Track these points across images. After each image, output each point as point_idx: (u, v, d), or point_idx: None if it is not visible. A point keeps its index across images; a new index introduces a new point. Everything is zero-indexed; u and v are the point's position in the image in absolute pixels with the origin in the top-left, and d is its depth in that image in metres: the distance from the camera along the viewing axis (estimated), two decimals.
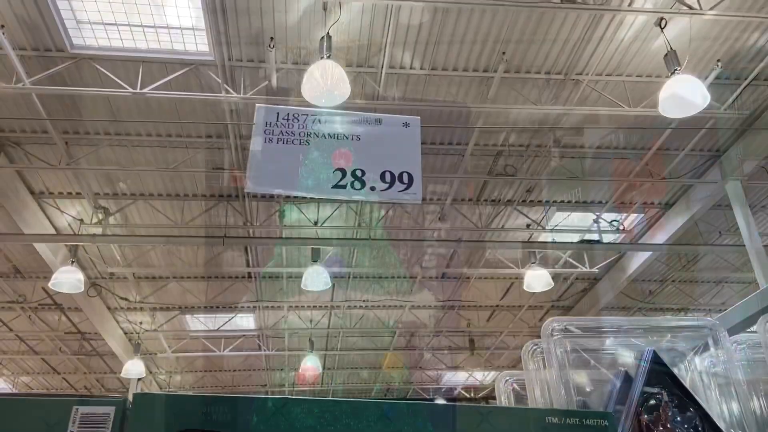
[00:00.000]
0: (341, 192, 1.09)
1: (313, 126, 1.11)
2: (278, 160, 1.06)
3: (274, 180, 1.04)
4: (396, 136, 1.11)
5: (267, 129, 1.11)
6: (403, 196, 1.12)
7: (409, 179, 1.10)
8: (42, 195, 8.04)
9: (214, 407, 0.71)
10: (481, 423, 0.74)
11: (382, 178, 1.07)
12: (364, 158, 1.08)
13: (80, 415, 0.69)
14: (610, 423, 0.75)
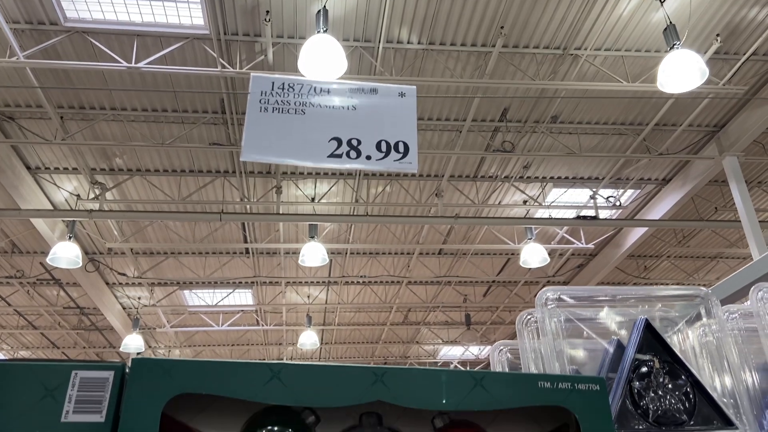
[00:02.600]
0: (337, 161, 1.09)
1: (308, 95, 1.10)
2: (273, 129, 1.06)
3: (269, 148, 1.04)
4: (392, 106, 1.11)
5: (262, 98, 1.11)
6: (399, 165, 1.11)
7: (405, 148, 1.09)
8: (38, 170, 8.01)
9: (212, 372, 0.72)
10: (475, 387, 0.75)
11: (378, 147, 1.07)
12: (359, 127, 1.07)
13: (79, 380, 0.70)
14: (602, 388, 0.76)
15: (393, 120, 1.08)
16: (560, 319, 1.13)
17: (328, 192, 8.83)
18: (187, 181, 8.41)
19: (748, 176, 8.24)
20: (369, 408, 0.79)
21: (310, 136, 1.03)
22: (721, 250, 10.62)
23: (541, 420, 0.81)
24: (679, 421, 0.92)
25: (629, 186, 8.93)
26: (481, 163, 8.47)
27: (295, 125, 1.04)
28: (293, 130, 1.03)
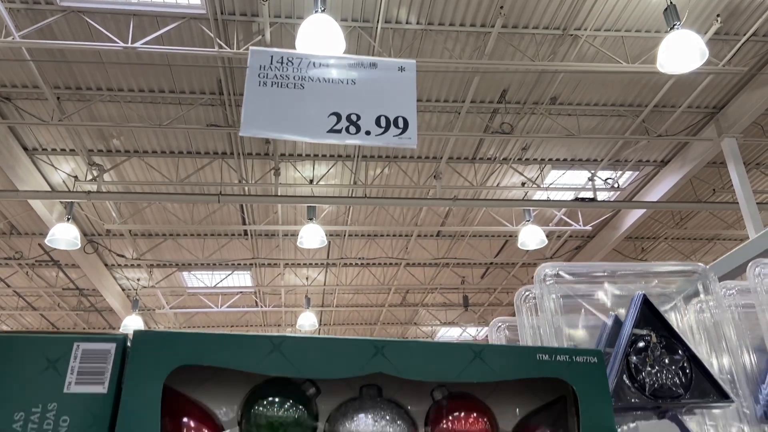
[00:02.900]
0: (336, 136, 1.08)
1: (307, 69, 1.09)
2: (272, 103, 1.05)
3: (268, 123, 1.03)
4: (391, 81, 1.10)
5: (261, 72, 1.10)
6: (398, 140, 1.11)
7: (404, 124, 1.09)
8: (35, 151, 7.98)
9: (213, 344, 0.72)
10: (474, 360, 0.76)
11: (377, 122, 1.06)
12: (359, 102, 1.06)
13: (81, 351, 0.71)
14: (599, 360, 0.77)
15: (392, 95, 1.07)
16: (558, 295, 1.14)
17: (326, 174, 8.81)
18: (184, 162, 8.39)
19: (746, 158, 8.24)
20: (369, 380, 0.79)
21: (309, 111, 1.02)
22: (718, 232, 10.64)
23: (539, 392, 0.82)
24: (676, 395, 0.93)
25: (627, 168, 8.93)
26: (479, 144, 8.45)
27: (294, 100, 1.03)
28: (292, 105, 1.02)
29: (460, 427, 0.76)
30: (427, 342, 0.77)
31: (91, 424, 0.67)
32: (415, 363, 0.75)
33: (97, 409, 0.68)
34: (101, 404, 0.68)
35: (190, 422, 0.72)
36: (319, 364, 0.73)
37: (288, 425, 0.73)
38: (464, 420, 0.77)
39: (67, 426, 0.66)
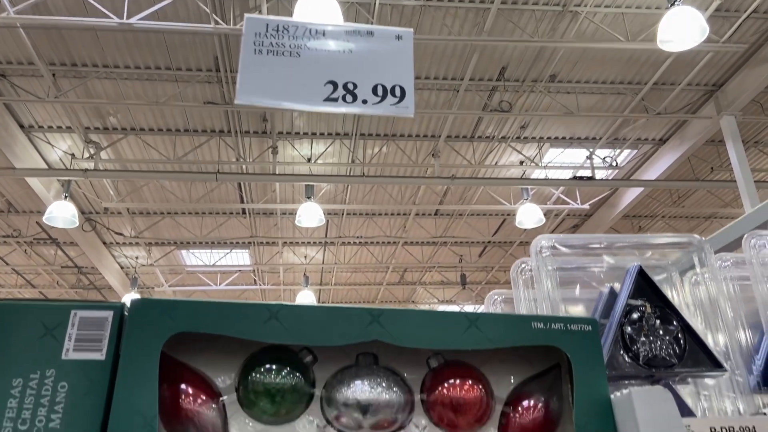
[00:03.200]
0: (333, 105, 1.07)
1: (303, 38, 1.08)
2: (268, 71, 1.04)
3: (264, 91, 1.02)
4: (388, 49, 1.09)
5: (256, 40, 1.08)
6: (395, 109, 1.10)
7: (401, 92, 1.08)
8: (31, 129, 7.93)
9: (210, 312, 0.72)
10: (469, 328, 0.76)
11: (374, 91, 1.05)
12: (355, 71, 1.05)
13: (79, 319, 0.71)
14: (594, 328, 0.77)
15: (389, 63, 1.06)
16: (554, 267, 1.14)
17: (324, 152, 8.79)
18: (182, 140, 8.36)
19: (745, 136, 8.22)
20: (365, 348, 0.80)
21: (305, 80, 1.01)
22: (715, 210, 10.66)
23: (533, 360, 0.83)
24: (669, 364, 0.94)
25: (626, 146, 8.91)
26: (478, 123, 8.42)
27: (290, 68, 1.02)
28: (288, 73, 1.01)
29: (455, 394, 0.77)
30: (423, 310, 0.78)
31: (89, 390, 0.67)
32: (411, 331, 0.75)
33: (95, 376, 0.68)
34: (99, 371, 0.68)
35: (188, 388, 0.72)
36: (315, 332, 0.73)
37: (285, 391, 0.74)
38: (459, 387, 0.77)
39: (66, 392, 0.67)
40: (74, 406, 0.66)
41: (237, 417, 0.75)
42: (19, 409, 0.65)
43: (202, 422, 0.71)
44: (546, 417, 0.77)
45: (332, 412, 0.75)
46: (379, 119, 8.18)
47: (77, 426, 0.65)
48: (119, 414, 0.65)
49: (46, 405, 0.66)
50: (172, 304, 0.72)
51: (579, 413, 0.73)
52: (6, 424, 0.65)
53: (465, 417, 0.77)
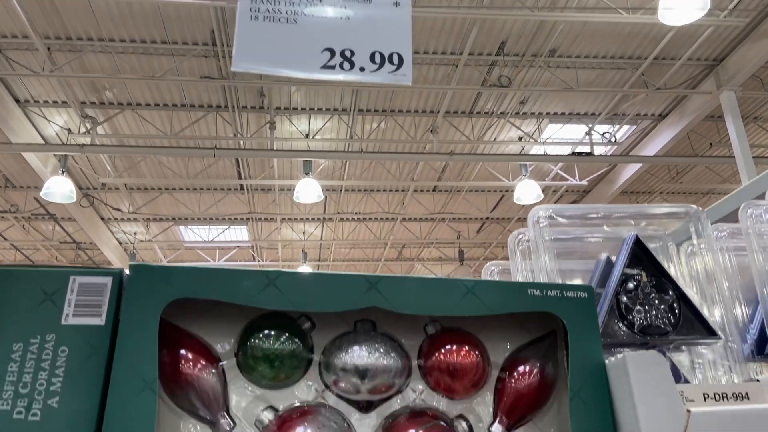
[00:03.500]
0: (330, 72, 1.06)
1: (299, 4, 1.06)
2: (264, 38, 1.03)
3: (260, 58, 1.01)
4: (386, 16, 1.08)
5: (252, 6, 1.07)
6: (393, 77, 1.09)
7: (399, 60, 1.07)
8: (27, 103, 7.87)
9: (209, 278, 0.73)
10: (466, 294, 0.77)
11: (372, 58, 1.04)
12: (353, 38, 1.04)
13: (78, 285, 0.71)
14: (590, 295, 0.78)
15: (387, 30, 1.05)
16: (552, 237, 1.15)
17: (322, 128, 8.74)
18: (179, 115, 8.30)
19: (744, 111, 8.18)
20: (363, 315, 0.81)
21: (302, 46, 1.00)
22: (713, 186, 10.67)
23: (529, 327, 0.83)
24: (664, 332, 0.95)
25: (625, 122, 8.88)
26: (477, 98, 8.36)
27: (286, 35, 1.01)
28: (285, 40, 1.00)
29: (452, 360, 0.78)
30: (421, 277, 0.78)
31: (90, 355, 0.68)
32: (409, 298, 0.76)
33: (95, 341, 0.69)
34: (99, 335, 0.69)
35: (187, 354, 0.73)
36: (313, 299, 0.74)
37: (283, 357, 0.75)
38: (456, 352, 0.78)
39: (66, 356, 0.67)
40: (75, 370, 0.67)
41: (236, 382, 0.76)
42: (20, 372, 0.66)
43: (202, 386, 0.72)
44: (541, 382, 0.78)
45: (331, 377, 0.76)
46: (378, 94, 8.12)
47: (78, 389, 0.66)
48: (120, 378, 0.66)
49: (46, 369, 0.67)
50: (171, 270, 0.72)
51: (574, 377, 0.74)
52: (7, 388, 0.65)
53: (461, 382, 0.78)
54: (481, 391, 0.80)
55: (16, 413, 0.64)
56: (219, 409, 0.72)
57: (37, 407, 0.65)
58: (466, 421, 0.76)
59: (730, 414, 0.69)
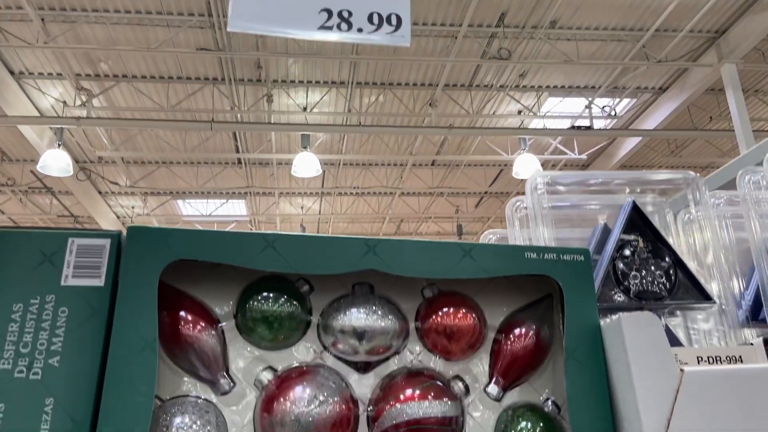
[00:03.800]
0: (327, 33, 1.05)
1: None
2: None
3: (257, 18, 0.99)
4: None
5: None
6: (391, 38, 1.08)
7: (397, 21, 1.06)
8: (22, 75, 7.79)
9: (207, 240, 0.73)
10: (464, 258, 0.77)
11: (370, 19, 1.03)
12: None
13: (76, 246, 0.71)
14: (586, 258, 0.78)
15: None
16: (550, 205, 1.15)
17: (320, 101, 8.68)
18: (175, 88, 8.23)
19: (745, 84, 8.13)
20: (361, 279, 0.81)
21: (299, 7, 0.99)
22: (713, 160, 10.64)
23: (526, 290, 0.84)
24: (659, 297, 0.96)
25: (625, 95, 8.82)
26: (476, 71, 8.29)
27: None
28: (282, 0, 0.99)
29: (448, 322, 0.78)
30: (419, 240, 0.78)
31: (90, 315, 0.68)
32: (407, 260, 0.76)
33: (95, 301, 0.69)
34: (99, 296, 0.69)
35: (187, 315, 0.74)
36: (311, 261, 0.74)
37: (282, 318, 0.75)
38: (453, 315, 0.79)
39: (66, 316, 0.68)
40: (75, 330, 0.68)
41: (235, 343, 0.76)
42: (20, 332, 0.67)
43: (202, 347, 0.73)
44: (537, 344, 0.79)
45: (329, 338, 0.77)
46: (376, 66, 8.05)
47: (79, 349, 0.67)
48: (120, 337, 0.67)
49: (47, 329, 0.67)
50: (169, 232, 0.72)
51: (569, 338, 0.75)
52: (8, 347, 0.66)
53: (458, 343, 0.79)
54: (478, 352, 0.81)
55: (17, 372, 0.65)
56: (219, 370, 0.73)
57: (39, 366, 0.65)
58: (462, 381, 0.77)
59: (724, 373, 0.70)
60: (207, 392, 0.73)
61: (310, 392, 0.70)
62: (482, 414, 0.78)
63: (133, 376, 0.65)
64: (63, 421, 0.64)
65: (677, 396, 0.67)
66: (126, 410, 0.64)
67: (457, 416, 0.73)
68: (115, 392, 0.64)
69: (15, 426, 0.63)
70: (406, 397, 0.72)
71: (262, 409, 0.71)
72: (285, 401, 0.69)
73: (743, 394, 0.69)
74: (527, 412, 0.75)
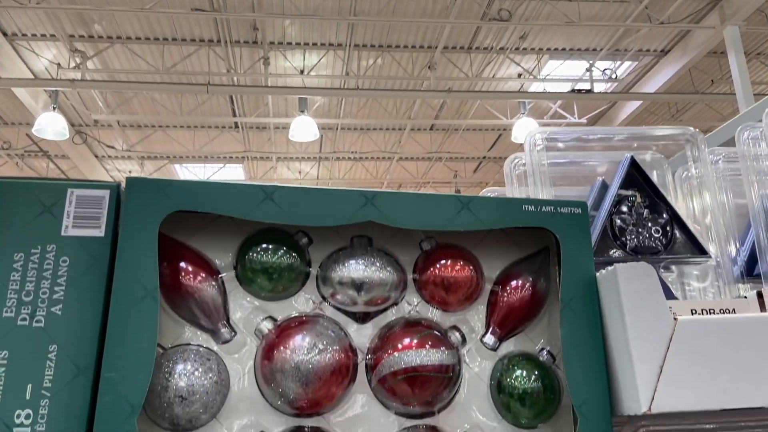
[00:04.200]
0: None
1: None
2: None
3: None
4: None
5: None
6: None
7: None
8: (15, 37, 7.66)
9: (206, 192, 0.73)
10: (462, 210, 0.78)
11: None
12: None
13: (76, 197, 0.72)
14: (583, 210, 0.79)
15: None
16: (549, 162, 1.15)
17: (317, 64, 8.57)
18: (170, 50, 8.11)
19: (747, 47, 8.03)
20: (360, 232, 0.82)
21: None
22: (713, 124, 10.58)
23: (523, 244, 0.85)
24: (656, 251, 0.97)
25: (627, 57, 8.72)
26: (476, 33, 8.17)
27: None
28: None
29: (446, 274, 0.79)
30: (417, 193, 0.79)
31: (91, 265, 0.69)
32: (404, 212, 0.76)
33: (95, 251, 0.70)
34: (99, 246, 0.70)
35: (187, 266, 0.74)
36: (310, 213, 0.74)
37: (281, 269, 0.76)
38: (450, 267, 0.80)
39: (67, 266, 0.69)
40: (77, 279, 0.68)
41: (236, 294, 0.77)
42: (22, 281, 0.67)
43: (202, 297, 0.74)
44: (533, 295, 0.80)
45: (328, 290, 0.78)
46: (374, 28, 7.92)
47: (81, 297, 0.68)
48: (121, 286, 0.67)
49: (48, 278, 0.68)
50: (168, 183, 0.72)
51: (565, 289, 0.76)
52: (10, 296, 0.67)
53: (455, 295, 0.80)
54: (475, 304, 0.82)
55: (20, 320, 0.66)
56: (219, 319, 0.74)
57: (41, 314, 0.66)
58: (459, 331, 0.78)
59: (716, 322, 0.71)
60: (208, 341, 0.74)
61: (310, 341, 0.71)
62: (479, 363, 0.79)
63: (135, 323, 0.66)
64: (67, 366, 0.65)
65: (670, 344, 0.69)
66: (129, 356, 0.65)
67: (453, 364, 0.74)
68: (118, 339, 0.65)
69: (20, 372, 0.64)
70: (404, 346, 0.73)
71: (263, 357, 0.72)
72: (285, 349, 0.71)
73: (735, 342, 0.70)
74: (522, 361, 0.77)
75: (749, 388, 0.68)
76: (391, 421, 0.75)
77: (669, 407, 0.66)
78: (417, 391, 0.72)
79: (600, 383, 0.72)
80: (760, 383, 0.68)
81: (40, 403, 0.63)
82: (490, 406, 0.77)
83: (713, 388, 0.68)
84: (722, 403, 0.67)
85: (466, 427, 0.75)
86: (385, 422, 0.75)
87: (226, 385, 0.72)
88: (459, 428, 0.75)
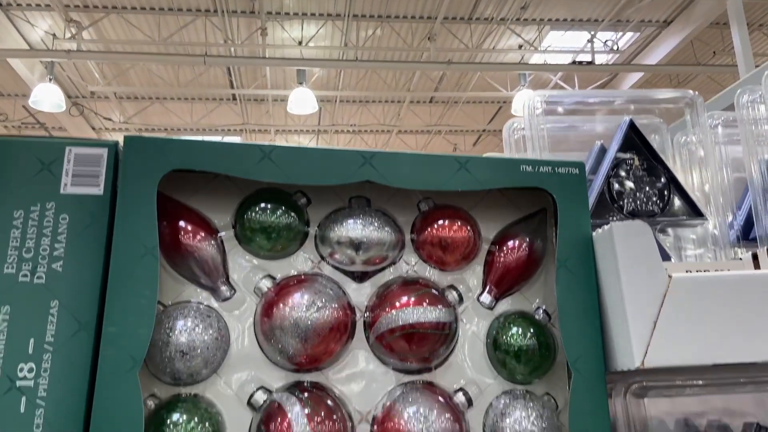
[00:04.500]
0: None
1: None
2: None
3: None
4: None
5: None
6: None
7: None
8: (10, 7, 7.55)
9: (204, 151, 0.73)
10: (459, 170, 0.78)
11: None
12: None
13: (74, 155, 0.72)
14: (581, 171, 0.79)
15: None
16: (547, 126, 1.15)
17: (315, 35, 8.47)
18: (166, 20, 8.01)
19: (750, 18, 7.94)
20: (358, 192, 0.82)
21: None
22: (714, 96, 10.53)
23: (520, 205, 0.85)
24: (653, 213, 0.97)
25: (629, 28, 8.62)
26: (476, 3, 8.06)
27: None
28: None
29: (444, 234, 0.80)
30: (415, 153, 0.79)
31: (90, 222, 0.69)
32: (403, 173, 0.77)
33: (94, 209, 0.70)
34: (98, 204, 0.70)
35: (186, 225, 0.75)
36: (308, 172, 0.75)
37: (280, 229, 0.76)
38: (448, 227, 0.80)
39: (67, 223, 0.69)
40: (76, 237, 0.69)
41: (235, 252, 0.78)
42: (22, 238, 0.68)
43: (202, 256, 0.74)
44: (529, 255, 0.81)
45: (326, 249, 0.78)
46: None
47: (81, 254, 0.68)
48: (121, 244, 0.68)
49: (48, 235, 0.68)
50: (167, 142, 0.73)
51: (561, 249, 0.76)
52: (11, 253, 0.67)
53: (453, 255, 0.80)
54: (472, 264, 0.83)
55: (21, 276, 0.66)
56: (219, 277, 0.75)
57: (42, 270, 0.67)
58: (456, 290, 0.79)
59: (710, 280, 0.72)
60: (208, 299, 0.75)
61: (309, 298, 0.72)
62: (475, 322, 0.80)
63: (136, 280, 0.67)
64: (68, 322, 0.66)
65: (664, 301, 0.69)
66: (130, 311, 0.66)
67: (450, 322, 0.75)
68: (119, 295, 0.66)
69: (22, 327, 0.65)
70: (402, 304, 0.74)
71: (262, 315, 0.73)
72: (284, 306, 0.72)
73: (728, 300, 0.71)
74: (518, 319, 0.78)
75: (741, 344, 0.69)
76: (389, 377, 0.76)
77: (661, 362, 0.67)
78: (414, 348, 0.73)
79: (594, 340, 0.73)
80: (753, 339, 0.69)
81: (42, 357, 0.64)
82: (486, 363, 0.78)
83: (706, 344, 0.69)
84: (714, 359, 0.68)
85: (462, 383, 0.77)
86: (383, 378, 0.76)
87: (226, 341, 0.73)
88: (455, 384, 0.77)
